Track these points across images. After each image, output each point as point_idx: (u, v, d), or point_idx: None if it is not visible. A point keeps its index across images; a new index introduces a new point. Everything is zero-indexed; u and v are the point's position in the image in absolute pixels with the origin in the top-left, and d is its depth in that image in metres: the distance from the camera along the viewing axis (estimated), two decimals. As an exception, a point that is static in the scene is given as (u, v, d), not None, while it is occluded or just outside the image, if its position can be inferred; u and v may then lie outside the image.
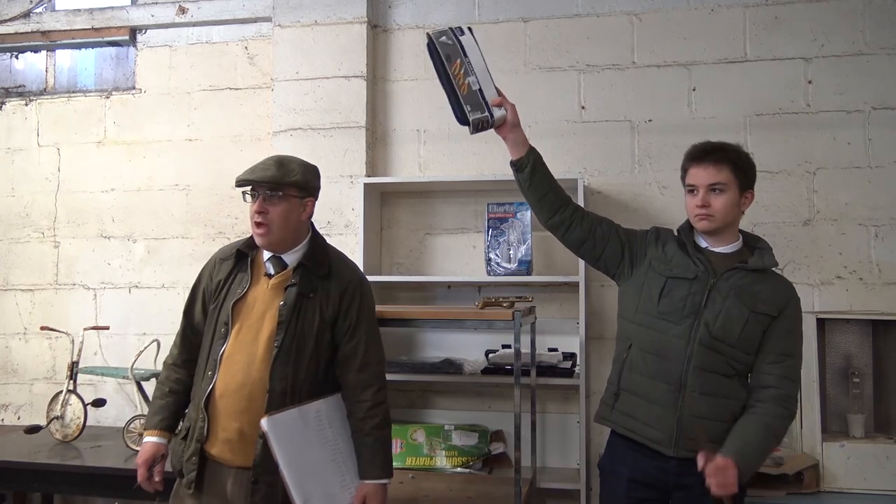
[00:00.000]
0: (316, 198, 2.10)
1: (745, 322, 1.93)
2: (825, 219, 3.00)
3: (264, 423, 1.87)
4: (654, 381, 1.97)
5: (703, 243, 2.05)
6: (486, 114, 2.01)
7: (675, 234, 2.11)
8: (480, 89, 2.01)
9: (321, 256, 2.07)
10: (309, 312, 2.00)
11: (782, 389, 1.94)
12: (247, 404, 1.93)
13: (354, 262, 2.21)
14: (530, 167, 2.05)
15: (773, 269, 2.04)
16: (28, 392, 3.69)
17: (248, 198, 2.02)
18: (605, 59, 3.20)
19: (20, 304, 3.72)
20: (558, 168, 2.16)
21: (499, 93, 2.04)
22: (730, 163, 1.97)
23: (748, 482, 1.95)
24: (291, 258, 2.05)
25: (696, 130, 3.08)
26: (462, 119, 2.02)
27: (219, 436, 1.95)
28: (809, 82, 3.03)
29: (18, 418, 3.68)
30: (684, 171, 2.05)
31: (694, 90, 3.12)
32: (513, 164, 2.08)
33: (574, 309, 3.03)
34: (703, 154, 2.00)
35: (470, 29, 2.07)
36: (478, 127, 2.03)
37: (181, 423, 2.08)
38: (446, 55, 2.02)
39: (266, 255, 2.07)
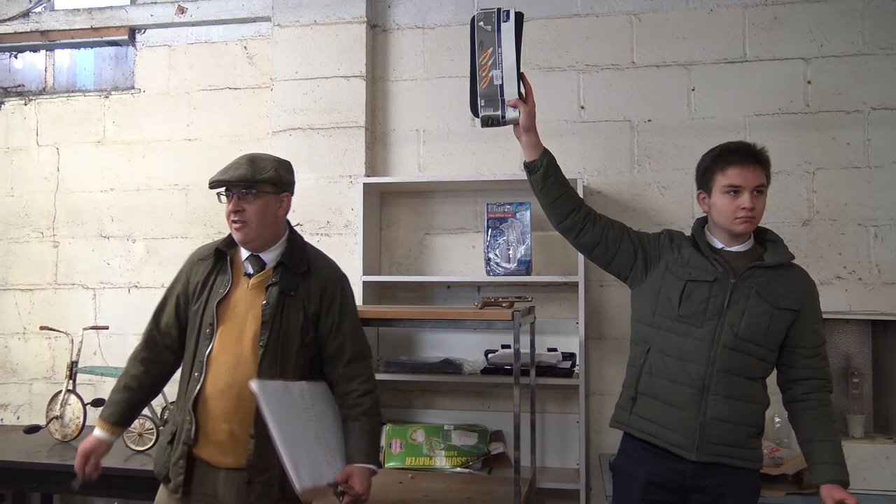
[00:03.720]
0: (292, 193, 2.09)
1: (770, 319, 1.94)
2: (824, 219, 3.00)
3: (254, 384, 1.84)
4: (675, 385, 1.95)
5: (717, 244, 2.03)
6: (498, 112, 1.98)
7: (688, 235, 2.09)
8: (501, 85, 1.97)
9: (300, 254, 2.06)
10: (292, 311, 1.98)
11: (822, 377, 1.99)
12: (236, 405, 1.91)
13: (353, 260, 2.20)
14: (543, 170, 2.03)
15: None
16: (27, 392, 3.69)
17: (223, 199, 2.00)
18: (604, 59, 3.20)
19: (19, 304, 3.72)
20: (557, 168, 2.16)
21: (522, 94, 1.99)
22: (767, 164, 1.99)
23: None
24: (270, 257, 2.03)
25: (695, 130, 3.09)
26: (475, 111, 2.01)
27: (209, 438, 1.93)
28: (809, 82, 3.03)
29: (18, 418, 3.68)
30: (720, 170, 1.98)
31: (693, 90, 3.12)
32: (526, 166, 2.06)
33: (573, 309, 3.03)
34: (750, 155, 1.97)
35: (519, 15, 1.98)
36: (486, 123, 2.01)
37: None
38: (480, 41, 1.98)
39: (244, 254, 2.05)
